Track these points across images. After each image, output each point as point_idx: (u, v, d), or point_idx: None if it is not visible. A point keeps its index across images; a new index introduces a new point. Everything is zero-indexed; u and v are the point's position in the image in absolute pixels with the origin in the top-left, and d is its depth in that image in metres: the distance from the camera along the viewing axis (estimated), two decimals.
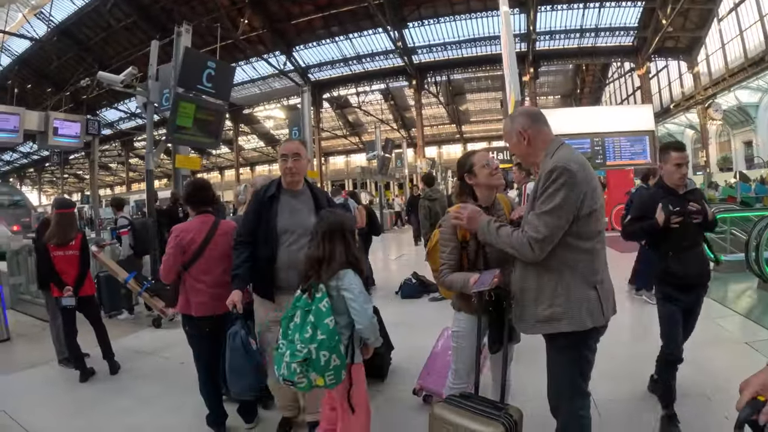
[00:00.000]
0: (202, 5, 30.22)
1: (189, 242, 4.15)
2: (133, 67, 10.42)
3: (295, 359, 2.93)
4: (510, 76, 15.41)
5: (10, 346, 8.05)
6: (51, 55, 35.93)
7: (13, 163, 66.53)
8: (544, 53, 35.49)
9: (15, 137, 13.00)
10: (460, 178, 3.38)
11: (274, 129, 51.19)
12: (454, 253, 3.23)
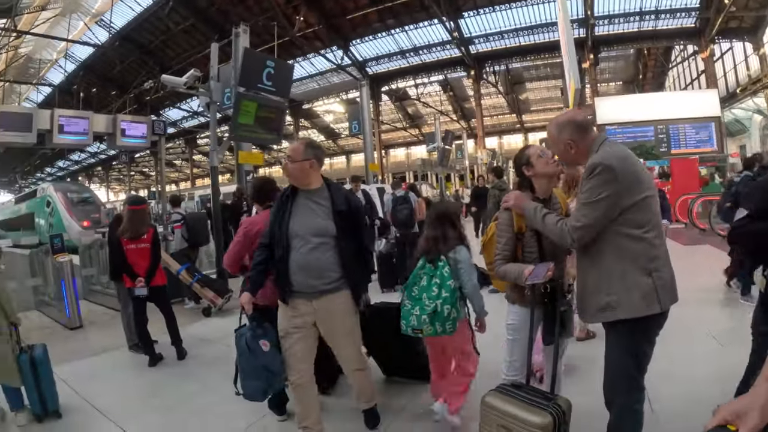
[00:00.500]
0: (257, 5, 30.58)
1: (255, 234, 4.31)
2: (195, 69, 10.70)
3: (424, 312, 3.79)
4: (569, 63, 15.15)
5: (83, 333, 8.55)
6: (114, 60, 36.99)
7: (82, 163, 68.85)
8: (603, 38, 34.27)
9: (86, 139, 13.48)
10: (518, 173, 3.43)
11: (334, 123, 51.50)
12: (509, 244, 3.29)
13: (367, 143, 22.28)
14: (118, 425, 4.64)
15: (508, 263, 3.26)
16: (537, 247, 3.24)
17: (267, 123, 11.02)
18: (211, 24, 32.60)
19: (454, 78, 42.44)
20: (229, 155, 22.33)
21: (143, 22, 34.32)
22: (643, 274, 2.70)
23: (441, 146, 26.17)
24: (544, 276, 2.94)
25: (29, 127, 12.65)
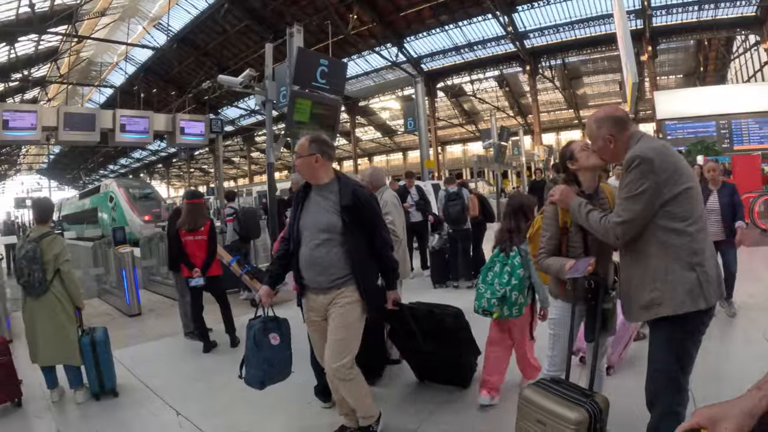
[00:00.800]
0: (311, 5, 30.78)
1: None
2: (250, 68, 10.87)
3: (494, 296, 4.16)
4: (626, 56, 14.82)
5: (142, 320, 8.99)
6: (172, 61, 37.87)
7: (143, 160, 70.90)
8: (661, 29, 32.84)
9: (146, 137, 14.00)
10: (564, 169, 3.44)
11: (390, 120, 51.55)
12: (553, 238, 3.28)
13: (422, 140, 22.31)
14: (171, 406, 4.88)
15: (551, 257, 3.25)
16: (582, 242, 3.21)
17: (322, 120, 11.13)
18: (265, 24, 33.01)
19: (509, 73, 41.86)
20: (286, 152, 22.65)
21: (200, 25, 35.01)
22: (687, 269, 2.65)
23: (497, 142, 25.86)
24: (584, 270, 2.92)
25: (93, 126, 13.14)
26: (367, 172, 6.04)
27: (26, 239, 5.12)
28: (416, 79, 23.60)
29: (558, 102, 45.93)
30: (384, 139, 57.43)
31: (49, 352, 5.05)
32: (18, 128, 12.45)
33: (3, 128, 12.27)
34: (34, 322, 5.04)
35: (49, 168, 73.66)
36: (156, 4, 34.73)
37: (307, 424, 4.16)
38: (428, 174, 21.89)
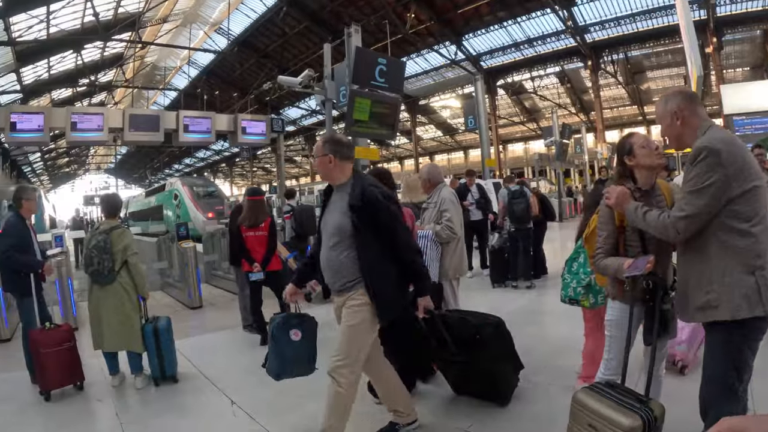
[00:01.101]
0: (368, 5, 30.90)
1: None
2: (309, 69, 11.05)
3: (580, 284, 4.23)
4: (690, 48, 14.35)
5: (203, 313, 9.37)
6: (234, 64, 38.61)
7: (207, 160, 72.50)
8: (726, 19, 31.42)
9: (209, 137, 14.33)
10: (619, 161, 3.29)
11: (451, 118, 51.19)
12: (610, 237, 3.18)
13: (483, 138, 22.13)
14: (226, 395, 5.05)
15: (608, 257, 3.15)
16: (640, 241, 3.10)
17: (382, 119, 11.20)
18: (324, 26, 33.29)
19: (570, 69, 40.95)
20: None
21: (259, 28, 35.59)
22: (747, 272, 2.51)
23: (559, 140, 25.46)
24: (643, 268, 2.81)
25: (157, 127, 13.52)
26: (424, 169, 6.04)
27: (96, 231, 5.38)
28: (476, 77, 23.37)
29: (621, 98, 44.62)
30: (445, 137, 57.13)
31: (114, 339, 5.32)
32: (85, 130, 12.90)
33: (71, 130, 12.74)
34: (100, 310, 5.30)
35: (117, 167, 76.05)
36: (216, 9, 35.53)
37: (358, 419, 4.11)
38: (489, 173, 21.68)
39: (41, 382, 5.28)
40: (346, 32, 12.03)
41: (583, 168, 34.81)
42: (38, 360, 5.22)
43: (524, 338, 6.02)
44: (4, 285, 6.44)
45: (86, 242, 5.33)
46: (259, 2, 32.98)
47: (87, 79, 36.83)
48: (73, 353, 5.36)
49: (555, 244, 14.73)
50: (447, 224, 5.35)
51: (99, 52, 36.18)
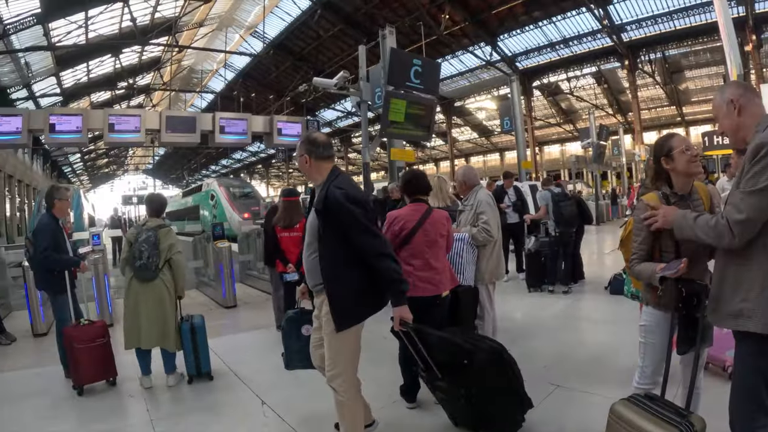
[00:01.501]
0: (402, 7, 30.83)
1: (400, 228, 4.42)
2: (344, 71, 11.07)
3: None
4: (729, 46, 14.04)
5: (237, 312, 9.45)
6: (269, 67, 38.90)
7: (243, 161, 73.29)
8: (765, 16, 30.30)
9: (245, 138, 14.44)
10: (656, 161, 3.15)
11: (487, 120, 50.85)
12: (645, 242, 3.07)
13: (519, 140, 21.99)
14: (257, 394, 5.08)
15: (642, 263, 3.06)
16: (674, 247, 2.98)
17: (417, 120, 11.19)
18: (359, 28, 33.33)
19: (607, 69, 40.21)
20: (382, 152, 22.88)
21: (294, 31, 35.78)
22: None
23: (596, 142, 25.08)
24: (676, 269, 2.72)
25: (193, 128, 13.67)
26: (460, 171, 6.00)
27: (142, 227, 5.45)
28: (511, 78, 23.25)
29: (659, 98, 43.73)
30: (480, 139, 56.77)
31: (152, 335, 5.35)
32: (123, 131, 13.09)
33: (109, 131, 12.93)
34: (139, 306, 5.33)
35: (155, 168, 77.28)
36: (251, 13, 35.87)
37: (389, 423, 4.13)
38: (526, 175, 21.51)
39: (75, 376, 5.38)
40: (380, 34, 12.06)
41: (621, 170, 34.27)
42: (72, 355, 5.33)
43: (560, 344, 5.98)
44: (37, 284, 6.60)
45: (132, 238, 5.39)
46: (293, 6, 33.18)
47: (125, 82, 37.62)
48: (106, 349, 5.48)
49: (592, 247, 14.55)
50: (484, 227, 5.29)
51: (137, 56, 36.89)
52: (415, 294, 4.18)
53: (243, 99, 36.54)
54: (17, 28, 23.37)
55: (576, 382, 4.86)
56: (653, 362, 3.13)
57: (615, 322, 6.72)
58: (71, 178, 67.95)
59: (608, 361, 5.21)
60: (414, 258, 4.39)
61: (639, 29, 34.12)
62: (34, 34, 26.09)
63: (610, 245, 14.74)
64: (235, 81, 42.80)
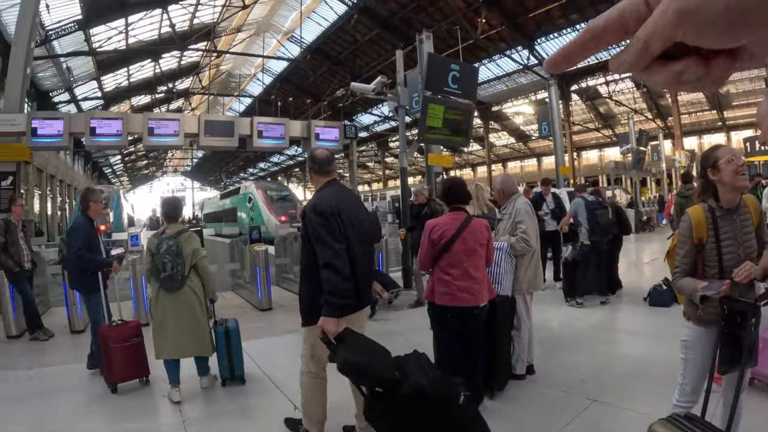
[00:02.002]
0: (439, 11, 30.74)
1: (439, 237, 4.41)
2: (382, 75, 11.07)
3: None
4: None
5: (273, 315, 9.50)
6: (307, 71, 39.14)
7: (281, 164, 73.73)
8: None
9: (282, 143, 14.59)
10: (702, 174, 3.08)
11: (524, 125, 50.32)
12: (688, 256, 3.02)
13: (557, 145, 21.79)
14: (290, 400, 5.03)
15: (685, 277, 3.01)
16: (718, 262, 2.92)
17: (455, 125, 11.15)
18: (395, 32, 33.34)
19: None
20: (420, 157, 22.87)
21: (331, 35, 35.95)
22: None
23: (635, 148, 24.65)
24: (717, 289, 2.68)
25: (231, 132, 13.84)
26: (498, 179, 5.96)
27: (162, 236, 5.39)
28: (549, 82, 23.05)
29: (699, 102, 42.79)
30: (518, 144, 56.17)
31: (186, 345, 5.37)
32: (162, 135, 13.32)
33: (148, 135, 13.17)
34: (167, 317, 5.32)
35: (193, 170, 78.17)
36: (288, 18, 36.16)
37: None
38: (564, 181, 21.26)
39: (108, 375, 5.51)
40: (417, 39, 12.07)
41: (661, 177, 33.61)
42: (107, 354, 5.46)
43: (597, 357, 5.90)
44: (71, 283, 6.72)
45: (154, 248, 5.32)
46: (330, 11, 33.32)
47: (165, 86, 38.21)
48: (140, 349, 5.62)
49: (631, 257, 14.26)
50: (522, 236, 5.24)
51: (176, 61, 37.47)
52: (452, 304, 4.24)
53: (280, 103, 36.80)
54: (59, 34, 24.06)
55: (612, 396, 4.78)
56: (693, 380, 3.08)
57: (654, 335, 6.60)
58: (111, 178, 69.41)
59: (646, 375, 5.12)
60: (452, 267, 4.38)
61: None
62: (75, 40, 26.75)
63: (651, 254, 14.53)
64: (273, 85, 43.16)
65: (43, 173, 29.66)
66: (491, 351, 4.76)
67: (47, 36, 23.36)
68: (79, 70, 31.42)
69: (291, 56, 36.91)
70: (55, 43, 25.35)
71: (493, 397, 4.86)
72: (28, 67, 12.64)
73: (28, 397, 5.47)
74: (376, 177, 72.12)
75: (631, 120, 26.42)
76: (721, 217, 2.95)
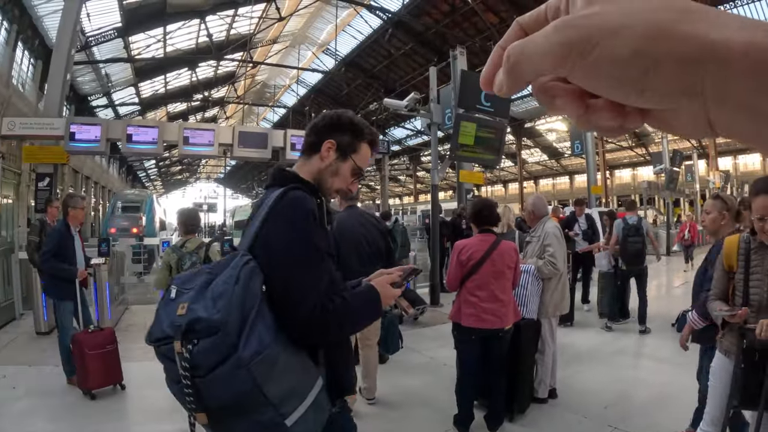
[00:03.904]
0: (472, 26, 30.78)
1: (467, 258, 4.42)
2: (415, 92, 11.14)
3: None
4: None
5: None
6: (341, 84, 39.41)
7: None
8: None
9: None
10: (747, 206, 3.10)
11: (557, 142, 49.95)
12: (720, 281, 3.01)
13: (590, 163, 21.59)
14: None
15: (716, 301, 2.99)
16: (743, 293, 2.87)
17: (487, 143, 11.14)
18: (429, 47, 33.43)
19: None
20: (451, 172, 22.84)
21: (366, 49, 36.20)
22: None
23: (669, 168, 24.33)
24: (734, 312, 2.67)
25: (265, 144, 14.04)
26: (530, 200, 5.95)
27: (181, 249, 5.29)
28: None
29: None
30: (550, 161, 55.74)
31: None
32: (197, 144, 13.57)
33: (183, 144, 13.44)
34: None
35: (226, 178, 79.09)
36: (324, 31, 36.61)
37: None
38: (595, 201, 21.05)
39: (83, 380, 5.55)
40: (451, 55, 12.12)
41: (694, 198, 32.98)
42: (82, 361, 5.49)
43: (621, 383, 5.83)
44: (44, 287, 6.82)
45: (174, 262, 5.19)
46: (365, 24, 33.62)
47: (201, 94, 38.82)
48: (115, 355, 5.69)
49: (661, 280, 14.04)
50: (550, 260, 5.22)
51: (212, 70, 38.14)
52: (478, 325, 4.26)
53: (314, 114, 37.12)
54: (98, 41, 24.65)
55: (636, 424, 4.73)
56: (715, 407, 3.03)
57: (680, 363, 6.40)
58: (145, 182, 70.77)
59: (671, 404, 5.06)
60: (480, 289, 4.40)
61: None
62: (114, 47, 27.42)
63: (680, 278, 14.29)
64: (307, 96, 43.54)
65: (79, 174, 30.27)
66: (514, 373, 4.75)
67: (87, 42, 23.95)
68: (117, 76, 32.14)
69: (326, 68, 37.30)
70: (94, 49, 25.96)
71: (514, 420, 4.83)
72: (68, 73, 12.94)
73: None
74: (407, 191, 72.20)
75: (665, 139, 26.07)
76: (755, 250, 2.89)
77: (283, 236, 1.85)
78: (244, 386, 1.58)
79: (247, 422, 1.66)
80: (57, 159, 12.36)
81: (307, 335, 1.80)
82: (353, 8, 30.56)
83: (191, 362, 1.56)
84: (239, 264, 1.71)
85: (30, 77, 24.01)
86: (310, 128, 2.22)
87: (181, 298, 1.70)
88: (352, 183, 2.23)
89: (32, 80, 23.99)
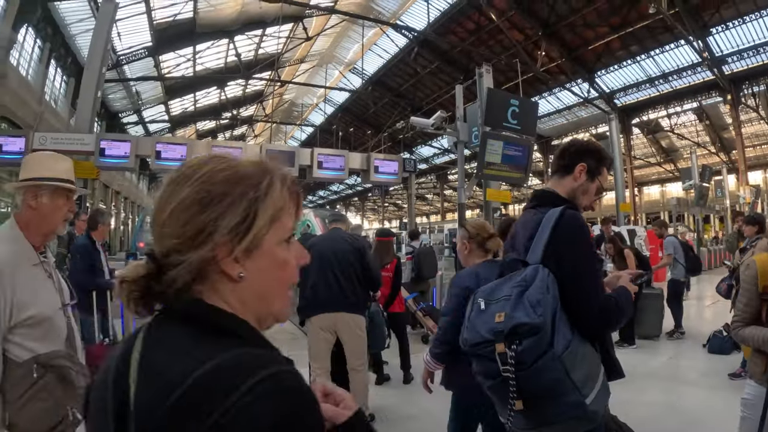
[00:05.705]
0: (498, 44, 30.88)
1: None
2: (441, 110, 11.22)
3: None
4: None
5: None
6: (368, 102, 39.70)
7: (340, 193, 74.70)
8: None
9: (342, 174, 14.91)
10: None
11: None
12: (750, 305, 2.77)
13: (618, 180, 21.38)
14: None
15: (748, 327, 2.76)
16: None
17: (514, 161, 11.15)
18: (455, 65, 33.62)
19: (709, 105, 37.81)
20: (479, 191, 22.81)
21: (392, 68, 36.55)
22: None
23: (698, 183, 23.90)
24: None
25: (292, 162, 14.18)
26: None
27: None
28: (610, 117, 22.75)
29: (765, 135, 40.40)
30: None
31: None
32: None
33: None
34: None
35: None
36: (350, 50, 37.05)
37: None
38: (624, 218, 20.83)
39: None
40: (477, 72, 12.15)
41: (724, 214, 32.19)
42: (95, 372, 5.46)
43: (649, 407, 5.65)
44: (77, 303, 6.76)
45: None
46: (391, 43, 34.01)
47: (229, 113, 39.33)
48: None
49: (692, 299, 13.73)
50: None
51: (241, 89, 38.76)
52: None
53: (341, 133, 37.39)
54: (129, 59, 25.23)
55: None
56: None
57: (711, 387, 6.27)
58: None
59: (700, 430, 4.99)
60: None
61: (741, 60, 31.77)
62: (145, 65, 28.10)
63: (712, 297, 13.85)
64: (334, 115, 44.01)
65: (109, 189, 30.81)
66: None
67: (118, 60, 24.55)
68: (147, 94, 32.86)
69: (352, 87, 37.69)
70: (125, 67, 26.55)
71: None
72: (99, 90, 13.22)
73: None
74: (434, 209, 72.08)
75: (694, 154, 25.72)
76: None
77: (574, 251, 2.22)
78: (557, 374, 1.99)
79: (557, 404, 2.05)
80: (87, 174, 12.56)
81: (597, 329, 2.23)
82: (379, 27, 30.86)
83: (517, 359, 1.98)
84: (545, 276, 2.10)
85: (62, 94, 24.64)
86: (561, 152, 2.59)
87: (493, 307, 2.15)
88: (594, 201, 2.64)
89: (64, 97, 24.64)
